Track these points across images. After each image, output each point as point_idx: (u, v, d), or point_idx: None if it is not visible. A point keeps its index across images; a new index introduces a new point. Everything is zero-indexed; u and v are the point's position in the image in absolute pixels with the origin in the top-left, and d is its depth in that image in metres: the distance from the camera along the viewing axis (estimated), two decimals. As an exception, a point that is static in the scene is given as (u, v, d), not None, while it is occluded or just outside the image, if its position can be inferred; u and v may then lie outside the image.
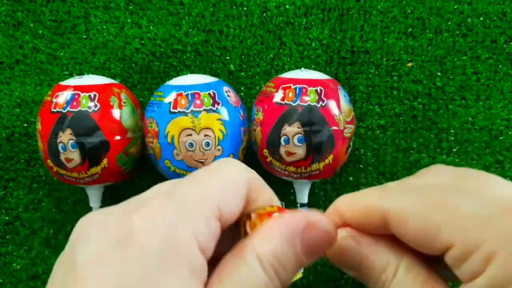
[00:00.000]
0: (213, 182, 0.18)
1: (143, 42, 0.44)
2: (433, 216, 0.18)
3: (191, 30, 0.44)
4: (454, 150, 0.42)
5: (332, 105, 0.35)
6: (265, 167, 0.38)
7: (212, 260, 0.17)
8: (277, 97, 0.36)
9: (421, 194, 0.19)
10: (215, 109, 0.35)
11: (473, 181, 0.19)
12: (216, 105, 0.36)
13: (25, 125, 0.43)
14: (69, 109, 0.35)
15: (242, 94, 0.43)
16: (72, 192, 0.43)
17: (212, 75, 0.40)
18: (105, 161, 0.36)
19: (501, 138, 0.41)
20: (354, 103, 0.42)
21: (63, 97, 0.36)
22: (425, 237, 0.18)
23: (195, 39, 0.44)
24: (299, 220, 0.18)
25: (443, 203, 0.18)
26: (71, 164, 0.36)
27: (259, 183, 0.20)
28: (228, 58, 0.43)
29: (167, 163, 0.36)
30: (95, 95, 0.36)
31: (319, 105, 0.35)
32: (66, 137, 0.35)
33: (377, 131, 0.42)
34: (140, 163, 0.40)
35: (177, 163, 0.36)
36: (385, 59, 0.42)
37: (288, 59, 0.43)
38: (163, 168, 0.37)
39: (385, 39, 0.43)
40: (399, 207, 0.19)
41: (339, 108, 0.36)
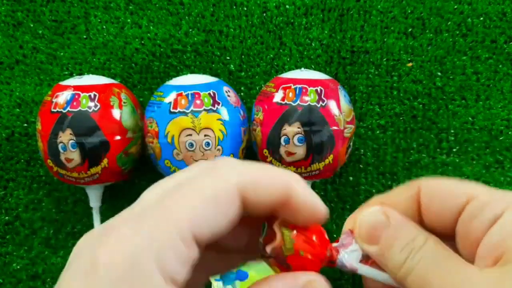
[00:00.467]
0: (186, 200, 0.16)
1: (143, 42, 0.44)
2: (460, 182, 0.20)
3: (191, 30, 0.44)
4: (454, 150, 0.42)
5: (332, 105, 0.35)
6: (265, 167, 0.38)
7: (219, 250, 0.18)
8: (277, 97, 0.36)
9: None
10: (215, 109, 0.35)
11: None
12: (216, 105, 0.36)
13: (25, 125, 0.43)
14: (69, 109, 0.35)
15: (242, 94, 0.43)
16: (72, 192, 0.43)
17: (212, 75, 0.40)
18: (105, 161, 0.36)
19: (501, 138, 0.41)
20: (354, 103, 0.42)
21: (63, 97, 0.36)
22: (449, 193, 0.20)
23: (195, 39, 0.44)
24: (300, 280, 0.19)
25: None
26: (71, 164, 0.36)
27: (269, 186, 0.18)
28: (228, 58, 0.43)
29: (167, 163, 0.36)
30: (95, 95, 0.36)
31: (319, 105, 0.35)
32: (66, 137, 0.35)
33: (377, 131, 0.42)
34: (140, 163, 0.40)
35: (177, 163, 0.36)
36: (385, 59, 0.42)
37: (288, 59, 0.43)
38: (163, 168, 0.37)
39: (385, 39, 0.43)
40: (434, 178, 0.21)
41: (339, 108, 0.36)
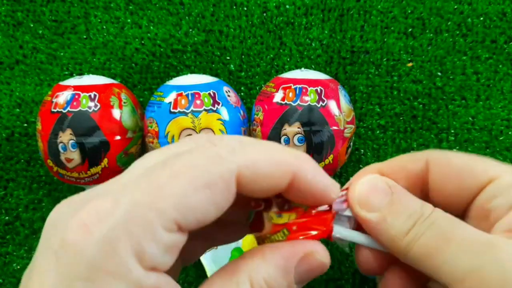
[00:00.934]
0: (175, 184, 0.15)
1: (143, 42, 0.44)
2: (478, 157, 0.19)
3: (191, 30, 0.44)
4: (454, 150, 0.42)
5: (332, 105, 0.35)
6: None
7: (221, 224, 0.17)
8: (277, 97, 0.36)
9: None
10: (215, 109, 0.35)
11: None
12: (216, 105, 0.36)
13: (25, 125, 0.43)
14: (69, 109, 0.35)
15: (242, 94, 0.43)
16: (72, 192, 0.43)
17: (212, 75, 0.40)
18: (105, 161, 0.36)
19: (501, 138, 0.41)
20: (354, 103, 0.42)
21: (63, 97, 0.36)
22: (468, 171, 0.19)
23: (195, 39, 0.44)
24: (297, 251, 0.17)
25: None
26: (71, 164, 0.36)
27: (267, 169, 0.16)
28: (228, 58, 0.43)
29: (167, 163, 0.36)
30: (95, 95, 0.36)
31: (319, 105, 0.35)
32: (66, 137, 0.35)
33: (377, 131, 0.42)
34: (140, 163, 0.40)
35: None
36: (385, 59, 0.42)
37: (288, 59, 0.43)
38: (163, 168, 0.37)
39: (385, 39, 0.43)
40: (442, 152, 0.20)
41: (339, 108, 0.36)
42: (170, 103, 0.35)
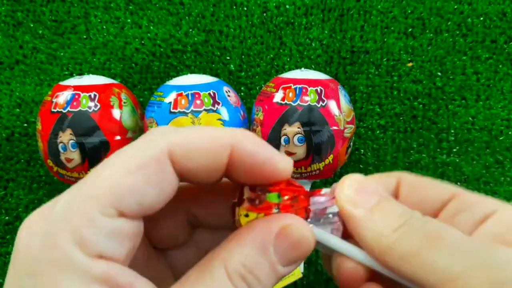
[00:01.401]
0: (109, 172, 0.15)
1: (143, 42, 0.44)
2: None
3: (191, 30, 0.44)
4: (454, 150, 0.42)
5: (332, 105, 0.35)
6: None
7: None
8: (277, 97, 0.36)
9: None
10: (215, 109, 0.35)
11: None
12: (216, 105, 0.36)
13: (25, 125, 0.43)
14: (69, 109, 0.35)
15: (242, 94, 0.43)
16: (72, 192, 0.43)
17: (212, 75, 0.40)
18: (105, 161, 0.36)
19: (501, 138, 0.41)
20: (354, 103, 0.42)
21: (63, 97, 0.36)
22: (432, 186, 0.19)
23: (195, 39, 0.44)
24: (272, 226, 0.16)
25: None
26: (71, 164, 0.36)
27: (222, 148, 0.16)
28: (228, 58, 0.43)
29: (167, 163, 0.36)
30: (95, 95, 0.36)
31: (319, 105, 0.35)
32: (66, 137, 0.35)
33: (377, 131, 0.42)
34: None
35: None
36: (385, 59, 0.42)
37: (288, 59, 0.43)
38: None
39: (385, 39, 0.43)
40: (412, 175, 0.20)
41: (339, 108, 0.36)
42: (170, 103, 0.35)
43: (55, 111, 0.36)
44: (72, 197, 0.15)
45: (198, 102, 0.35)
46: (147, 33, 0.44)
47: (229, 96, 0.37)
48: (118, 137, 0.36)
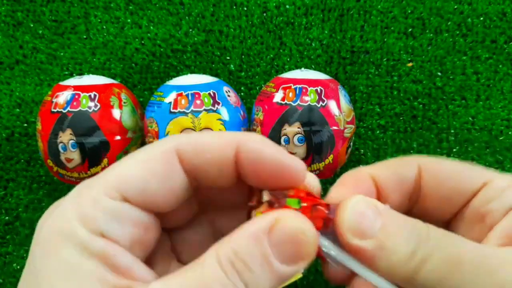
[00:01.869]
0: (118, 165, 0.17)
1: (143, 42, 0.44)
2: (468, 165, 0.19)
3: (191, 30, 0.44)
4: (454, 150, 0.42)
5: (332, 105, 0.35)
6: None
7: None
8: (277, 97, 0.36)
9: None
10: (215, 109, 0.35)
11: None
12: (216, 105, 0.36)
13: (25, 125, 0.43)
14: (69, 109, 0.35)
15: (242, 94, 0.43)
16: (72, 192, 0.43)
17: (212, 75, 0.40)
18: (105, 161, 0.36)
19: (501, 138, 0.41)
20: (354, 103, 0.42)
21: (63, 97, 0.36)
22: (462, 175, 0.19)
23: (195, 39, 0.44)
24: (267, 217, 0.16)
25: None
26: (71, 164, 0.36)
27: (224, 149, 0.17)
28: (228, 58, 0.43)
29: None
30: (95, 95, 0.36)
31: (319, 105, 0.35)
32: (66, 137, 0.35)
33: (377, 131, 0.42)
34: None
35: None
36: (385, 59, 0.42)
37: (288, 59, 0.43)
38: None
39: (385, 39, 0.43)
40: (432, 158, 0.20)
41: (339, 108, 0.36)
42: (170, 103, 0.35)
43: (55, 111, 0.36)
44: (83, 184, 0.17)
45: (198, 102, 0.35)
46: (147, 33, 0.44)
47: (229, 96, 0.37)
48: (118, 137, 0.36)
